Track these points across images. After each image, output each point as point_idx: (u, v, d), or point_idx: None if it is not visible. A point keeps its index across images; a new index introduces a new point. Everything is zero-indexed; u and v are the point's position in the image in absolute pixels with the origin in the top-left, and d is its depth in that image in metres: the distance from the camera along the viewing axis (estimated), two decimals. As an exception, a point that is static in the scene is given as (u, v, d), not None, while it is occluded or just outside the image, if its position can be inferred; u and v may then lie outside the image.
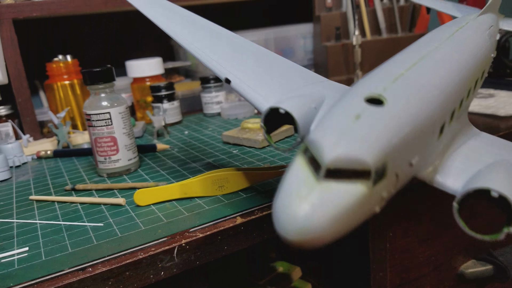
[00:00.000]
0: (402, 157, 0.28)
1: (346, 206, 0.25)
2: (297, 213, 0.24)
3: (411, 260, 0.58)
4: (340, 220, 0.25)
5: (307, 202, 0.25)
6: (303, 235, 0.24)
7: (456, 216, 0.30)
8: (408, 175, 0.30)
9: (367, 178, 0.25)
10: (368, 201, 0.26)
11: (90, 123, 0.55)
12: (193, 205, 0.45)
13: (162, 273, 0.38)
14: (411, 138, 0.28)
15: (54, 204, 0.50)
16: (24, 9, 0.77)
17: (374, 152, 0.25)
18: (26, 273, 0.35)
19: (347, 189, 0.25)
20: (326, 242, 0.26)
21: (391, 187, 0.28)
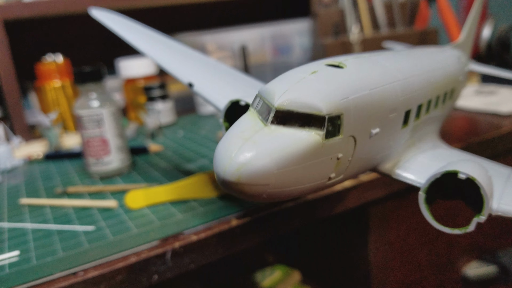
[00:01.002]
0: (360, 120, 0.27)
1: (293, 152, 0.24)
2: (238, 152, 0.23)
3: (413, 261, 0.57)
4: (286, 167, 0.24)
5: (250, 141, 0.24)
6: (243, 175, 0.23)
7: (422, 207, 0.30)
8: (368, 151, 0.30)
9: (319, 127, 0.25)
10: (319, 154, 0.25)
11: (81, 124, 0.54)
12: (187, 207, 0.44)
13: (155, 277, 0.37)
14: (369, 104, 0.28)
15: (46, 208, 0.49)
16: (15, 10, 0.76)
17: (328, 100, 0.25)
18: (17, 277, 0.35)
19: (297, 134, 0.24)
20: (270, 190, 0.24)
21: (348, 151, 0.27)
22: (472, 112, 0.68)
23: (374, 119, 0.29)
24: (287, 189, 0.25)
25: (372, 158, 0.31)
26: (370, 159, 0.31)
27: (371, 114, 0.28)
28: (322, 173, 0.26)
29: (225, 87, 0.42)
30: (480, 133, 0.57)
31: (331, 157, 0.26)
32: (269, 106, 0.25)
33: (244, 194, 0.24)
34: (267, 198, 0.25)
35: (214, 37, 0.93)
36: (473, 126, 0.62)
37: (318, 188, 0.28)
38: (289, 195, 0.26)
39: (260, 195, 0.24)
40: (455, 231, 0.29)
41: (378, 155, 0.32)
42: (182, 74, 0.43)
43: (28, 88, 0.96)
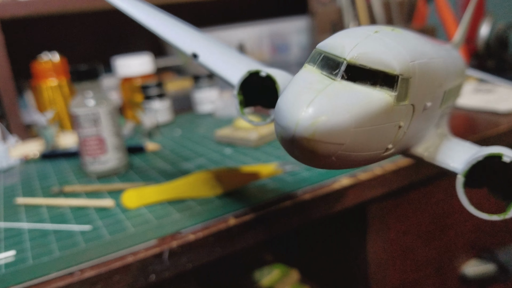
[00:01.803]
0: (420, 90, 0.26)
1: (368, 111, 0.22)
2: (312, 104, 0.21)
3: (412, 260, 0.57)
4: (362, 126, 0.22)
5: (324, 93, 0.21)
6: (319, 130, 0.21)
7: (460, 191, 0.28)
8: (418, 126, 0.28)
9: (391, 87, 0.23)
10: (389, 118, 0.23)
11: (78, 123, 0.53)
12: (185, 206, 0.44)
13: (152, 276, 0.37)
14: (428, 73, 0.26)
15: (42, 207, 0.48)
16: (10, 8, 0.75)
17: (400, 60, 0.23)
18: (13, 277, 0.35)
19: (371, 92, 0.22)
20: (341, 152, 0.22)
21: (407, 121, 0.25)
22: (470, 110, 0.68)
23: (429, 91, 0.27)
24: (355, 153, 0.23)
25: (416, 136, 0.29)
26: (415, 136, 0.29)
27: (429, 84, 0.27)
28: (385, 140, 0.24)
29: (231, 59, 0.39)
30: (478, 131, 0.57)
31: (395, 124, 0.24)
32: (336, 60, 0.23)
33: (314, 153, 0.22)
34: (334, 163, 0.23)
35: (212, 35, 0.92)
36: (471, 124, 0.62)
37: (374, 159, 0.26)
38: (354, 161, 0.24)
39: (330, 156, 0.22)
40: (493, 217, 0.27)
41: (421, 133, 0.30)
42: (185, 45, 0.40)
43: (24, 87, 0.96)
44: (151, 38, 1.10)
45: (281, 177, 0.48)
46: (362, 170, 0.48)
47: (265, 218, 0.41)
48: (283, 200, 0.43)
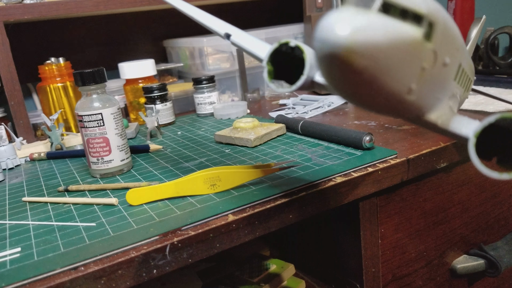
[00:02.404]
0: (444, 41, 0.28)
1: (399, 39, 0.24)
2: (353, 16, 0.22)
3: (403, 255, 0.58)
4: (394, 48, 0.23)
5: (364, 12, 0.23)
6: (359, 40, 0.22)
7: (471, 151, 0.29)
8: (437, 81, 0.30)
9: (420, 25, 0.25)
10: (414, 53, 0.25)
11: (82, 124, 0.55)
12: (185, 204, 0.45)
13: (154, 271, 0.38)
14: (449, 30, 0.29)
15: (47, 205, 0.50)
16: (15, 12, 0.77)
17: (428, 5, 0.26)
18: (18, 273, 0.35)
19: (402, 25, 0.24)
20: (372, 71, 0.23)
21: (430, 65, 0.27)
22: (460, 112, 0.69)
23: (448, 49, 0.29)
24: (384, 77, 0.24)
25: (434, 94, 0.31)
26: (433, 94, 0.31)
27: (450, 41, 0.29)
28: (409, 76, 0.26)
29: (257, 39, 0.43)
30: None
31: (419, 63, 0.26)
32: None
33: (350, 65, 0.23)
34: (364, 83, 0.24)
35: (212, 40, 0.94)
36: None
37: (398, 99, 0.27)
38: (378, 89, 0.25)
39: (363, 72, 0.23)
40: (504, 175, 0.28)
41: (437, 94, 0.31)
42: (218, 27, 0.45)
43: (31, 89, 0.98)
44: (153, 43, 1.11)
45: (278, 176, 0.49)
46: (355, 169, 0.50)
47: (262, 215, 0.42)
48: (280, 197, 0.44)
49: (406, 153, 0.53)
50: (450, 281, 0.64)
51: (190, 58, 1.00)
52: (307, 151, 0.58)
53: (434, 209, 0.60)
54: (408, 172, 0.52)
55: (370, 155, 0.53)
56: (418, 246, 0.59)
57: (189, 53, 0.99)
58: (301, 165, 0.52)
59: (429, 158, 0.54)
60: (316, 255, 0.66)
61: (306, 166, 0.52)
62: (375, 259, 0.55)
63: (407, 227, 0.57)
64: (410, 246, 0.58)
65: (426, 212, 0.59)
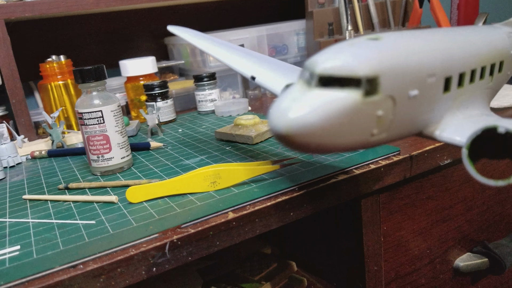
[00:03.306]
0: (398, 83, 0.30)
1: (335, 107, 0.27)
2: (288, 110, 0.27)
3: (406, 253, 0.58)
4: (330, 120, 0.27)
5: (298, 101, 0.28)
6: (293, 128, 0.27)
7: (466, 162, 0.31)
8: (410, 112, 0.32)
9: (358, 86, 0.28)
10: (359, 111, 0.28)
11: (82, 121, 0.55)
12: (185, 201, 0.45)
13: (154, 269, 0.37)
14: (406, 67, 0.31)
15: (47, 203, 0.49)
16: (16, 10, 0.77)
17: (364, 64, 0.28)
18: (17, 272, 0.35)
19: (338, 94, 0.28)
20: (317, 141, 0.28)
21: (388, 110, 0.30)
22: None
23: (411, 82, 0.31)
24: (333, 141, 0.28)
25: (415, 120, 0.34)
26: (414, 121, 0.34)
27: (408, 77, 0.31)
28: (364, 128, 0.29)
29: (280, 78, 0.47)
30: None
31: (371, 114, 0.29)
32: (312, 73, 0.29)
33: (295, 145, 0.28)
34: (316, 149, 0.29)
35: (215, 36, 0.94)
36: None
37: (364, 143, 0.31)
38: (336, 147, 0.29)
39: (308, 145, 0.28)
40: (499, 182, 0.30)
41: (421, 117, 0.34)
42: (245, 70, 0.49)
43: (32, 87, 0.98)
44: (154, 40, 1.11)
45: (279, 173, 0.49)
46: (357, 166, 0.49)
47: (263, 213, 0.42)
48: (281, 195, 0.44)
49: (409, 150, 0.53)
50: (453, 279, 0.64)
51: (191, 55, 0.99)
52: (309, 148, 0.58)
53: (437, 207, 0.59)
54: (411, 169, 0.52)
55: (373, 152, 0.52)
56: (421, 244, 0.59)
57: (190, 50, 0.99)
58: (302, 162, 0.52)
59: (432, 155, 0.53)
60: (317, 253, 0.66)
61: (307, 163, 0.51)
62: (377, 257, 0.55)
63: (410, 224, 0.57)
64: (413, 244, 0.58)
65: (429, 209, 0.58)
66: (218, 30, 1.03)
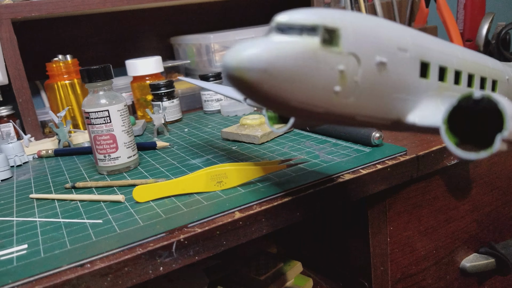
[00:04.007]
0: (363, 42, 0.29)
1: (289, 48, 0.26)
2: (243, 48, 0.26)
3: (412, 254, 0.57)
4: (283, 58, 0.26)
5: (255, 43, 0.27)
6: (243, 60, 0.26)
7: (445, 138, 0.29)
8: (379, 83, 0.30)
9: (315, 34, 0.27)
10: (317, 59, 0.27)
11: (89, 121, 0.55)
12: (192, 201, 0.45)
13: (161, 268, 0.38)
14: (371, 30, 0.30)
15: (54, 202, 0.50)
16: (23, 9, 0.77)
17: (323, 16, 0.28)
18: (24, 270, 0.35)
19: (294, 39, 0.27)
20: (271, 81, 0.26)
21: (351, 67, 0.29)
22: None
23: (379, 47, 0.30)
24: (287, 84, 0.27)
25: (387, 94, 0.32)
26: (386, 94, 0.32)
27: (375, 40, 0.30)
28: (324, 81, 0.28)
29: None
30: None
31: (331, 67, 0.28)
32: (272, 24, 0.29)
33: (244, 81, 0.26)
34: (269, 93, 0.27)
35: (218, 37, 0.94)
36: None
37: (329, 102, 0.29)
38: (292, 94, 0.27)
39: (260, 83, 0.26)
40: (481, 153, 0.28)
41: (395, 94, 0.32)
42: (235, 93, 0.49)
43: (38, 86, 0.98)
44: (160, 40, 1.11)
45: (285, 173, 0.49)
46: (364, 166, 0.49)
47: (269, 212, 0.42)
48: (287, 195, 0.44)
49: (415, 150, 0.52)
50: (459, 280, 0.63)
51: (197, 55, 0.99)
52: (315, 148, 0.57)
53: (444, 207, 0.59)
54: (417, 169, 0.52)
55: (379, 152, 0.52)
56: (427, 244, 0.59)
57: (196, 50, 0.99)
58: (308, 162, 0.52)
59: (439, 155, 0.53)
60: (323, 253, 0.66)
61: (314, 163, 0.51)
62: (384, 257, 0.55)
63: (417, 225, 0.57)
64: (420, 244, 0.58)
65: (435, 210, 0.58)
66: (224, 30, 1.03)
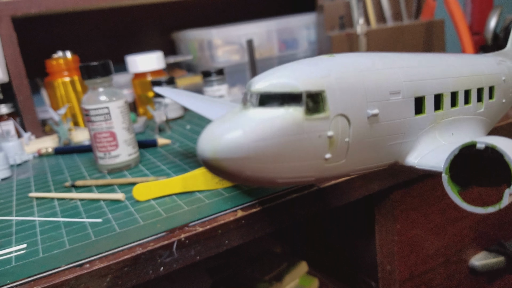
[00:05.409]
0: (350, 99, 0.27)
1: (271, 125, 0.24)
2: (213, 132, 0.24)
3: (420, 252, 0.57)
4: (263, 140, 0.24)
5: (227, 122, 0.24)
6: (218, 149, 0.23)
7: (448, 189, 0.28)
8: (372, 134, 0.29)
9: (298, 103, 0.25)
10: (302, 130, 0.25)
11: (89, 118, 0.54)
12: (193, 199, 0.44)
13: (161, 268, 0.37)
14: (358, 83, 0.27)
15: (54, 201, 0.49)
16: (22, 6, 0.76)
17: (305, 78, 0.25)
18: (23, 270, 0.35)
19: (275, 111, 0.24)
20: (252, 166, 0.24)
21: (341, 131, 0.27)
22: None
23: (368, 99, 0.28)
24: (273, 165, 0.25)
25: (382, 145, 0.30)
26: (381, 145, 0.30)
27: (364, 93, 0.28)
28: (312, 151, 0.26)
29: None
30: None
31: (319, 135, 0.26)
32: (250, 93, 0.26)
33: (224, 171, 0.24)
34: (252, 178, 0.25)
35: (221, 32, 0.93)
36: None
37: (320, 170, 0.27)
38: (279, 173, 0.25)
39: (242, 171, 0.24)
40: (489, 209, 0.27)
41: (390, 142, 0.30)
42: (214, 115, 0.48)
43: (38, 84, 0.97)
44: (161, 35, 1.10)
45: (290, 170, 0.48)
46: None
47: (273, 211, 0.41)
48: (290, 192, 0.43)
49: (423, 146, 0.51)
50: (469, 278, 0.62)
51: (199, 50, 0.98)
52: (319, 144, 0.56)
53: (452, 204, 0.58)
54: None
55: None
56: (436, 242, 0.58)
57: (198, 45, 0.98)
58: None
59: (447, 151, 0.52)
60: (329, 252, 0.65)
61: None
62: (391, 256, 0.54)
63: (425, 223, 0.56)
64: (428, 243, 0.57)
65: (444, 207, 0.57)
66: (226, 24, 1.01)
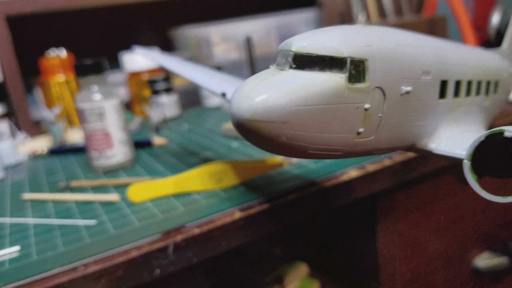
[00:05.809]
0: (388, 72, 0.26)
1: (312, 91, 0.23)
2: (253, 90, 0.23)
3: (423, 253, 0.56)
4: (305, 104, 0.23)
5: (266, 80, 0.23)
6: (258, 110, 0.22)
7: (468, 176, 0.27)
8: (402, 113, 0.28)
9: (341, 69, 0.24)
10: (343, 99, 0.24)
11: (83, 117, 0.53)
12: (190, 200, 0.43)
13: (157, 271, 0.36)
14: (397, 57, 0.27)
15: (48, 203, 0.48)
16: (17, 5, 0.76)
17: (350, 44, 0.24)
18: (16, 273, 0.34)
19: (317, 76, 0.23)
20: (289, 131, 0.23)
21: (377, 104, 0.26)
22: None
23: (404, 75, 0.27)
24: (309, 133, 0.24)
25: (407, 125, 0.29)
26: (406, 126, 0.29)
27: (401, 68, 0.27)
28: (348, 123, 0.25)
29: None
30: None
31: (357, 106, 0.25)
32: (286, 53, 0.25)
33: (260, 134, 0.23)
34: (286, 145, 0.24)
35: (219, 29, 0.92)
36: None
37: (348, 145, 0.26)
38: (313, 145, 0.24)
39: (278, 136, 0.23)
40: (508, 198, 0.26)
41: (414, 123, 0.30)
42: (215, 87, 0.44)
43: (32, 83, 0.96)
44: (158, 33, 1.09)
45: (288, 170, 0.48)
46: (371, 161, 0.47)
47: (272, 211, 0.41)
48: (290, 192, 0.42)
49: (424, 145, 0.51)
50: (472, 279, 0.62)
51: (196, 47, 0.97)
52: (319, 143, 0.56)
53: (455, 204, 0.58)
54: (426, 165, 0.50)
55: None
56: (438, 243, 0.57)
57: (196, 43, 0.97)
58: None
59: (449, 150, 0.51)
60: (330, 253, 0.65)
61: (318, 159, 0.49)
62: (393, 258, 0.54)
63: (427, 223, 0.55)
64: (430, 243, 0.56)
65: (446, 207, 0.57)
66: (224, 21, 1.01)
